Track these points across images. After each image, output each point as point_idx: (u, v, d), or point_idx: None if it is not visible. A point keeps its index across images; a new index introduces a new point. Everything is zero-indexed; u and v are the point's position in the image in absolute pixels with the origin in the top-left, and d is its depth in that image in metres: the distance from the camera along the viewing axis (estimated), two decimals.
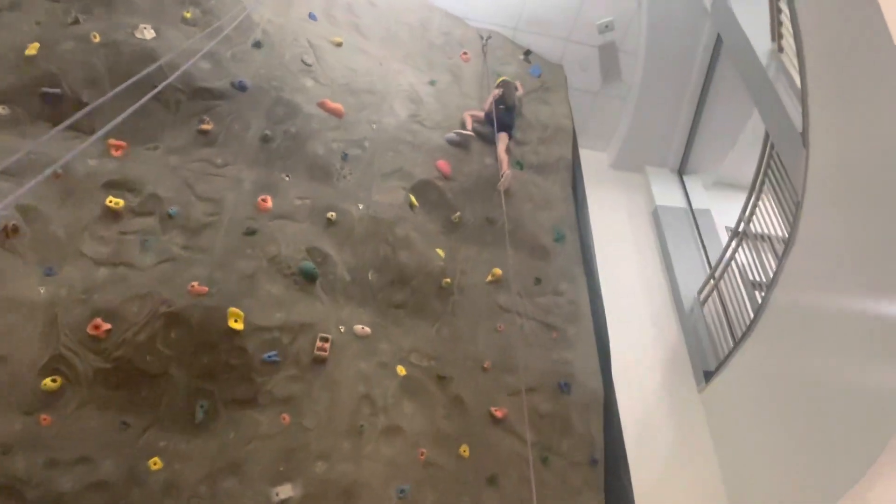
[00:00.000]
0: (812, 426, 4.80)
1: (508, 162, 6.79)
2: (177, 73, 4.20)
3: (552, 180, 7.09)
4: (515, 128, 7.13)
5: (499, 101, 7.11)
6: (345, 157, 5.96)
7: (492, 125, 6.81)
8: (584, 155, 8.26)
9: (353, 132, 6.17)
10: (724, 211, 8.24)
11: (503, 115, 6.95)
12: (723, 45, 7.62)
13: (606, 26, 7.99)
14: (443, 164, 6.41)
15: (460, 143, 6.72)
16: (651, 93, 8.27)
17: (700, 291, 7.11)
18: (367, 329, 5.25)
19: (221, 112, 5.69)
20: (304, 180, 5.69)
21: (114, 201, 5.03)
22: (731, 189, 8.79)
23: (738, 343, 6.01)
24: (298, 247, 5.27)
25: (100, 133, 3.27)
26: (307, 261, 5.22)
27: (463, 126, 6.82)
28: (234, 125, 5.69)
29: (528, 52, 8.07)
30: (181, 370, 4.61)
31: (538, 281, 6.21)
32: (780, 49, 5.87)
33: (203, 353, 4.69)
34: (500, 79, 7.40)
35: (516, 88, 7.31)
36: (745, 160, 8.14)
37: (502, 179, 6.50)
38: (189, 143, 5.53)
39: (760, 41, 5.93)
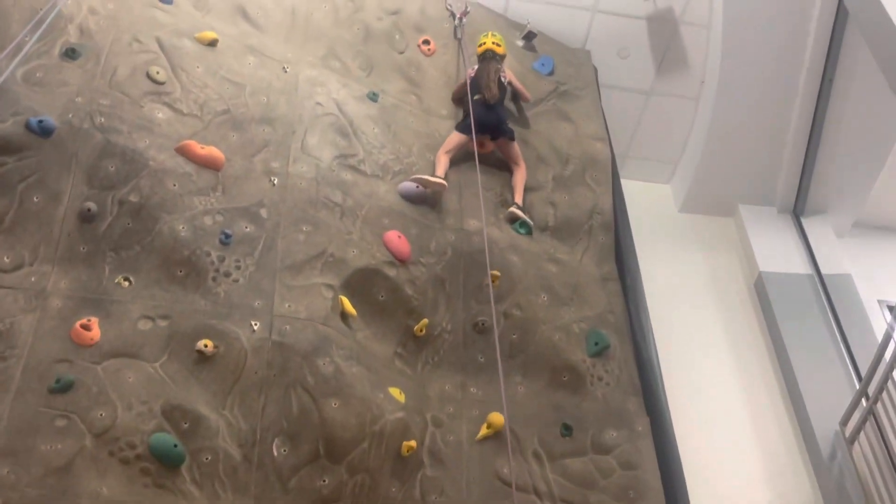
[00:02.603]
0: None
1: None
2: None
3: (581, 250, 7.06)
4: (505, 121, 7.19)
5: (473, 84, 7.14)
6: (226, 238, 5.83)
7: (467, 128, 6.88)
8: (633, 193, 8.24)
9: (240, 194, 6.07)
10: (876, 274, 8.22)
11: (480, 112, 6.97)
12: (848, 19, 7.61)
13: None
14: (395, 239, 6.30)
15: (424, 198, 6.67)
16: (739, 89, 8.24)
17: (845, 421, 6.94)
18: None
19: (9, 175, 5.57)
20: (157, 285, 5.59)
21: None
22: (882, 236, 8.81)
23: None
24: (148, 406, 5.14)
25: None
26: (163, 431, 5.08)
27: (433, 171, 6.82)
28: (31, 196, 5.57)
29: (530, 35, 8.06)
30: None
31: (567, 430, 6.12)
32: None
33: None
34: (483, 41, 7.45)
35: (498, 66, 7.33)
36: None
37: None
38: None
39: None
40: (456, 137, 7.03)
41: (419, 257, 6.36)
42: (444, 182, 6.71)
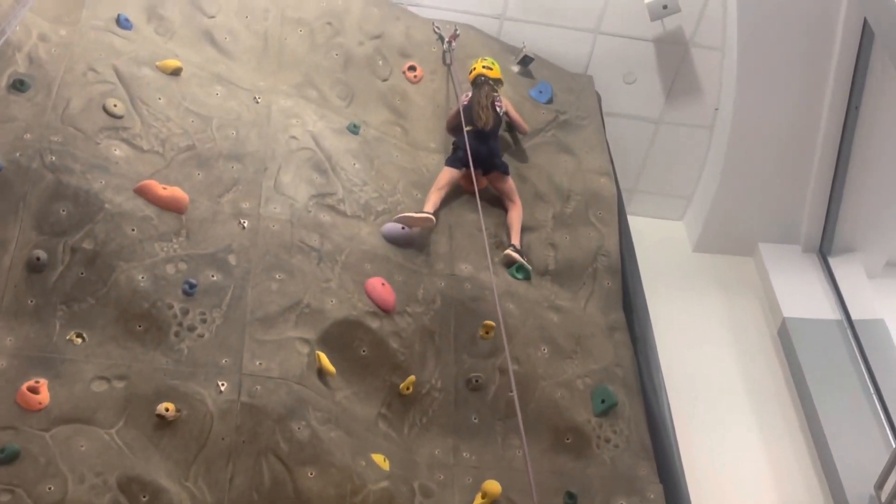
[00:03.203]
0: None
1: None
2: None
3: (584, 297, 7.06)
4: (498, 154, 7.24)
5: (465, 112, 7.18)
6: (190, 289, 5.80)
7: (463, 161, 6.97)
8: (642, 232, 8.26)
9: (206, 239, 6.04)
10: None
11: (471, 143, 6.98)
12: (874, 41, 7.64)
13: (665, 6, 8.04)
14: (378, 287, 6.29)
15: (411, 240, 6.68)
16: (757, 117, 8.30)
17: (881, 485, 6.89)
18: None
19: None
20: (113, 342, 5.54)
21: None
22: None
23: None
24: (102, 478, 5.05)
25: None
26: None
27: (420, 210, 6.81)
28: None
29: (526, 59, 8.13)
30: None
31: (571, 498, 6.05)
32: None
33: None
34: (473, 66, 7.52)
35: (494, 91, 7.40)
36: None
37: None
38: None
39: None
40: (447, 173, 7.06)
41: (405, 307, 6.33)
42: (431, 216, 6.72)
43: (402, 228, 6.65)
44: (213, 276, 5.91)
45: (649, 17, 8.14)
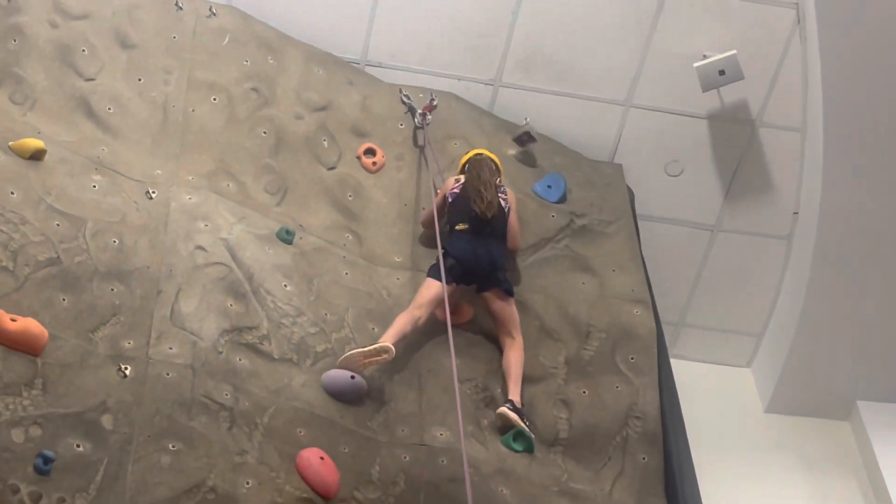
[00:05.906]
0: None
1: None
2: None
3: (610, 477, 7.04)
4: (502, 265, 7.27)
5: (455, 203, 7.30)
6: (45, 464, 5.68)
7: (454, 274, 7.01)
8: (693, 384, 8.33)
9: (71, 392, 5.97)
10: None
11: (464, 246, 7.07)
12: None
13: (722, 71, 8.14)
14: (315, 462, 6.23)
15: (363, 394, 6.67)
16: (853, 223, 8.33)
17: None
18: None
19: None
20: None
21: None
22: None
23: None
24: None
25: None
26: None
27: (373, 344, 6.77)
28: None
29: (526, 138, 8.23)
30: None
31: None
32: None
33: None
34: (465, 157, 7.63)
35: (496, 174, 7.47)
36: None
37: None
38: None
39: None
40: (431, 289, 7.03)
41: (354, 490, 6.28)
42: (388, 346, 6.66)
43: (352, 377, 6.61)
44: (78, 445, 5.80)
45: (701, 85, 8.24)
